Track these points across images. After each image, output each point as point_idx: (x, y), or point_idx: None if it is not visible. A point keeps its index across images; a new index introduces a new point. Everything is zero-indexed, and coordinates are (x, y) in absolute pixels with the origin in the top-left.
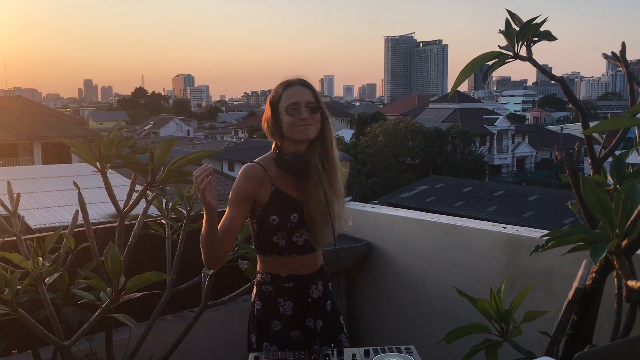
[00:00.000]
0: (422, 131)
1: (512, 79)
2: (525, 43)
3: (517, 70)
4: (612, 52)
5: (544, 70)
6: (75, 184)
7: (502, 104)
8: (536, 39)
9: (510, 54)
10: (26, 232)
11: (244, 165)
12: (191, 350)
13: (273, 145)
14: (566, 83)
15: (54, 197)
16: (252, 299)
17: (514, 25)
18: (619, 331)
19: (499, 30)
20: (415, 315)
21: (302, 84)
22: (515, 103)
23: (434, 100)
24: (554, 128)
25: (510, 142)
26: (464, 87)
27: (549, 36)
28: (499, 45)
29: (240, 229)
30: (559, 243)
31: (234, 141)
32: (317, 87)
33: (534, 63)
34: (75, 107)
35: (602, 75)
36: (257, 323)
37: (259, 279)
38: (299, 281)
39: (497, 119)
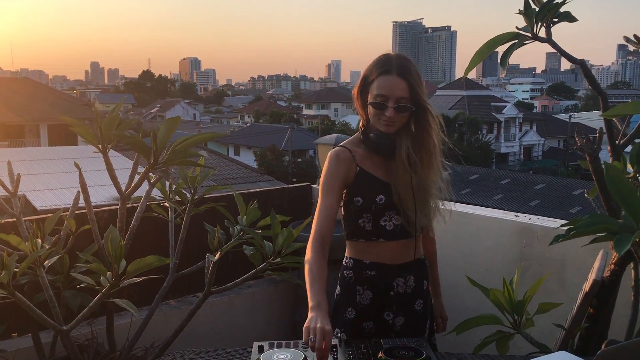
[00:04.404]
0: None
1: (520, 67)
2: (545, 24)
3: (526, 58)
4: (635, 35)
5: (563, 52)
6: (76, 164)
7: (510, 91)
8: (556, 19)
9: (529, 35)
10: (32, 213)
11: (330, 152)
12: (194, 336)
13: (360, 123)
14: (586, 66)
15: (59, 179)
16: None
17: (533, 6)
18: (635, 325)
19: (519, 10)
20: None
21: (400, 73)
22: (523, 91)
23: (441, 87)
24: (562, 116)
25: (517, 130)
26: (471, 74)
27: (569, 17)
28: (516, 27)
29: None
30: (581, 233)
31: (240, 125)
32: (324, 73)
33: (554, 45)
34: (82, 89)
35: (612, 63)
36: (334, 308)
37: (343, 263)
38: (383, 271)
39: (505, 106)
